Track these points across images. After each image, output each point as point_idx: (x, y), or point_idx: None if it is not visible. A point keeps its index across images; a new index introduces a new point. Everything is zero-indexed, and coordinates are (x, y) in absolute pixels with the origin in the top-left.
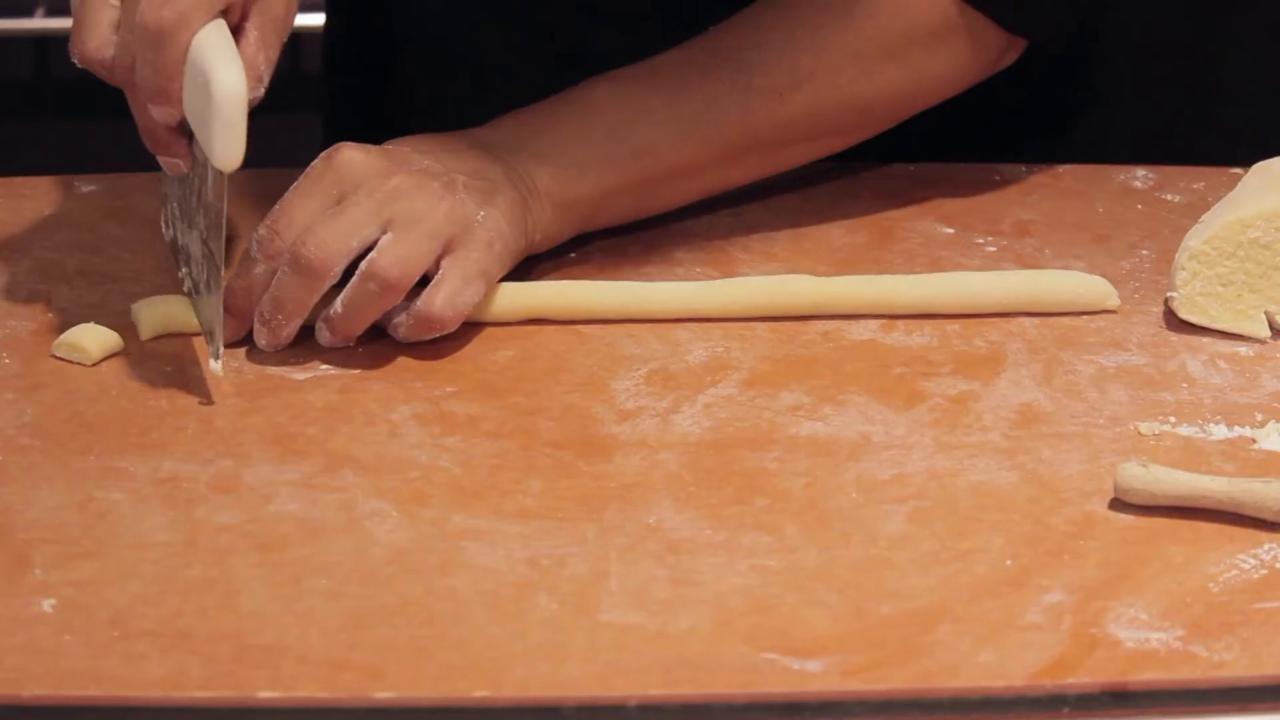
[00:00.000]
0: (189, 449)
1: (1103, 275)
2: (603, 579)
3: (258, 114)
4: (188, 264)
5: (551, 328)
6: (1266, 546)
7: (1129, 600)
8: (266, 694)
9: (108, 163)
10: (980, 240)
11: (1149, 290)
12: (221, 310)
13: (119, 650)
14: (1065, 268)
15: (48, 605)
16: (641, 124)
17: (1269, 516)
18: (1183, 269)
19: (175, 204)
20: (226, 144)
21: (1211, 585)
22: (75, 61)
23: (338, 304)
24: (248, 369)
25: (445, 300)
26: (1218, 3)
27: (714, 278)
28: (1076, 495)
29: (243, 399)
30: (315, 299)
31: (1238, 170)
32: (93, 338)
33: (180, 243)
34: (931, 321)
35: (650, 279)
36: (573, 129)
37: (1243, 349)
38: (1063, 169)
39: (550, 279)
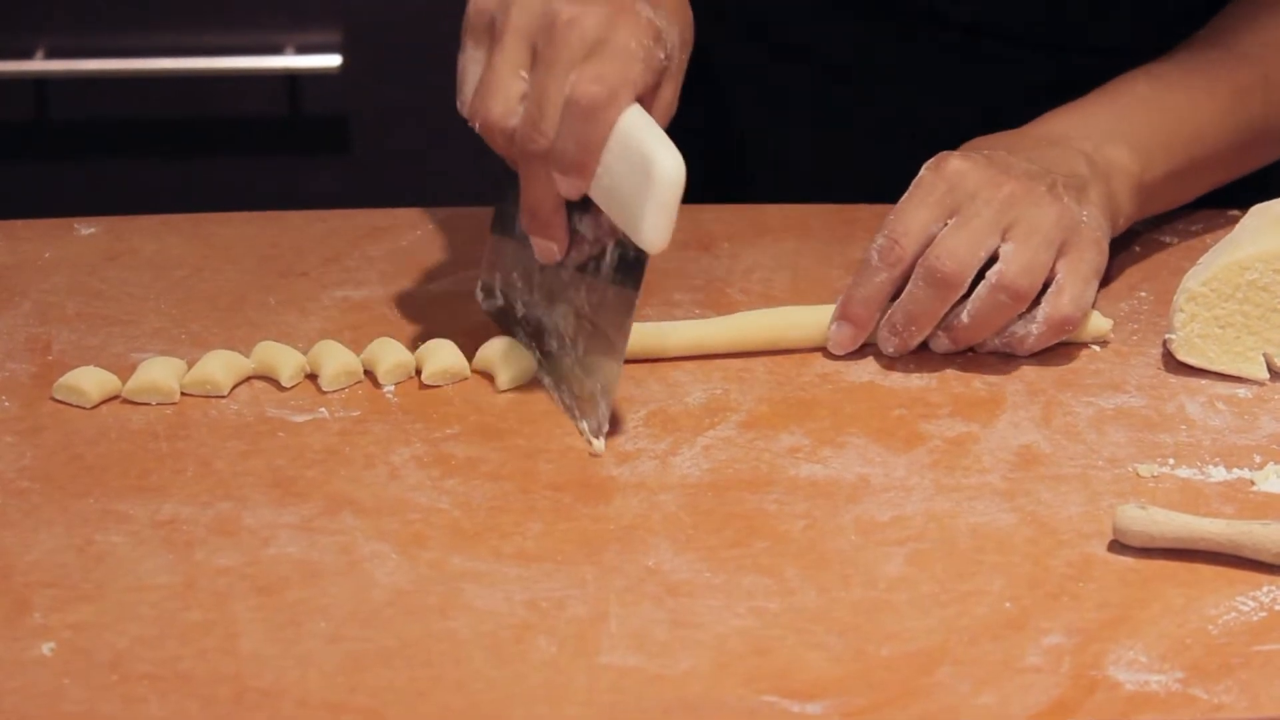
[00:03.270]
0: (188, 492)
1: (1101, 316)
2: (602, 621)
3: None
4: (537, 337)
5: None
6: (1265, 589)
7: (1128, 642)
8: None
9: (108, 205)
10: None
11: (1147, 332)
12: (614, 387)
13: (118, 693)
14: None
15: (47, 648)
16: (1188, 113)
17: (1268, 559)
18: (1181, 311)
19: (516, 274)
20: (658, 225)
21: (1211, 627)
22: (474, 125)
23: (964, 315)
24: (247, 411)
25: (1072, 302)
26: None
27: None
28: (1075, 537)
29: (242, 441)
30: (946, 309)
31: (1235, 212)
32: (92, 380)
33: (523, 314)
34: (930, 363)
35: (648, 320)
36: (1132, 116)
37: (1241, 391)
38: None
39: None
